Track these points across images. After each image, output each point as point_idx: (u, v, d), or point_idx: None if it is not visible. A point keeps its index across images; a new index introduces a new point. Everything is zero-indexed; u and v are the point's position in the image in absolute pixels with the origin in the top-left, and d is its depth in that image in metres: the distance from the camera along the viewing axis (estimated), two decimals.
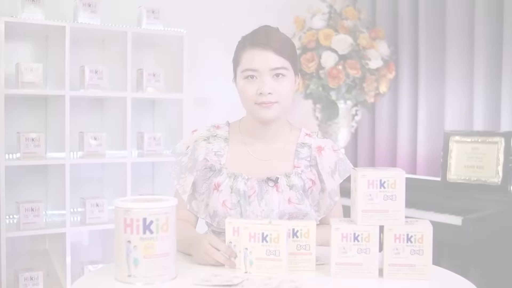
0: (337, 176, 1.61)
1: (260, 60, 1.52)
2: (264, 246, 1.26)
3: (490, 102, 2.88)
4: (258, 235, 1.26)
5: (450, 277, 1.32)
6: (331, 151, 1.63)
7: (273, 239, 1.26)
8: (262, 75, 1.52)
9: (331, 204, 1.60)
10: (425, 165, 3.21)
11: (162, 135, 3.02)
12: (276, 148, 1.62)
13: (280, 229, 1.26)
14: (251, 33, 1.59)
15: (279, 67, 1.53)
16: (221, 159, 1.59)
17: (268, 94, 1.51)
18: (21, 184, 2.91)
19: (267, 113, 1.53)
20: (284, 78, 1.54)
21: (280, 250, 1.25)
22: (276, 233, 1.26)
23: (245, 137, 1.63)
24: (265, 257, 1.26)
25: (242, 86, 1.56)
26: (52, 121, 2.93)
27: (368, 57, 3.13)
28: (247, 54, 1.55)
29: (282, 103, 1.54)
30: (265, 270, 1.26)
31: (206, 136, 1.63)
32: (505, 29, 2.76)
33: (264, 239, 1.26)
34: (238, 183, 1.54)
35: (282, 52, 1.54)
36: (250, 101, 1.54)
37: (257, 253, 1.26)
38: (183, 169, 1.61)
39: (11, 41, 2.83)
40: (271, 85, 1.52)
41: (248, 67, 1.54)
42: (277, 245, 1.26)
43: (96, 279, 1.27)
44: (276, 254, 1.26)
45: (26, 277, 2.65)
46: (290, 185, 1.55)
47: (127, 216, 1.18)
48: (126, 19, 3.13)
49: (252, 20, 3.63)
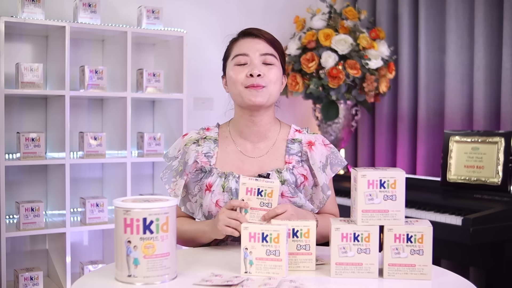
0: (328, 170, 1.62)
1: (250, 45, 1.58)
2: (264, 246, 1.26)
3: (490, 102, 2.88)
4: (258, 235, 1.26)
5: (450, 277, 1.32)
6: (321, 145, 1.64)
7: (273, 239, 1.26)
8: (252, 60, 1.56)
9: (324, 198, 1.61)
10: (425, 165, 3.22)
11: (162, 135, 3.02)
12: (267, 145, 1.64)
13: (280, 229, 1.26)
14: (240, 31, 1.65)
15: (269, 53, 1.58)
16: (211, 160, 1.61)
17: (258, 76, 1.54)
18: (21, 184, 2.91)
19: (256, 97, 1.55)
20: (273, 67, 1.58)
21: (280, 250, 1.26)
22: (276, 233, 1.26)
23: (235, 137, 1.66)
24: (265, 257, 1.26)
25: (232, 73, 1.58)
26: (52, 121, 2.93)
27: (368, 57, 3.13)
28: (238, 43, 1.61)
29: (270, 89, 1.57)
30: (265, 270, 1.26)
31: (195, 139, 1.65)
32: (505, 29, 2.76)
33: (264, 239, 1.26)
34: (230, 182, 1.56)
35: (273, 44, 1.60)
36: (240, 85, 1.56)
37: (257, 253, 1.26)
38: (174, 173, 1.64)
39: (11, 41, 2.83)
40: (261, 69, 1.55)
41: (239, 52, 1.58)
42: (277, 245, 1.26)
43: (96, 279, 1.27)
44: (276, 254, 1.26)
45: (26, 277, 2.65)
46: (282, 180, 1.56)
47: (127, 216, 1.18)
48: (126, 19, 3.13)
49: (252, 20, 3.67)
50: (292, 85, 3.22)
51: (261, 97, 1.55)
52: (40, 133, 2.69)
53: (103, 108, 3.13)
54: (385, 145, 3.50)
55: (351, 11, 3.25)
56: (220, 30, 3.38)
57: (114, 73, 2.97)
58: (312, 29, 3.26)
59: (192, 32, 3.30)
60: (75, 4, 2.85)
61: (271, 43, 1.60)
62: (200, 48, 3.35)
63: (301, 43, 3.24)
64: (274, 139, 1.64)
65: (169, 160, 1.67)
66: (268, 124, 1.63)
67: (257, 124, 1.61)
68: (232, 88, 1.59)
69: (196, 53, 3.32)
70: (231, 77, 1.58)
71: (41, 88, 2.69)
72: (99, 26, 2.83)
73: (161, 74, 2.99)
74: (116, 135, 2.97)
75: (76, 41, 2.98)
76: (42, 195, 2.96)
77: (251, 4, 3.57)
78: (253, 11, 3.57)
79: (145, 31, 2.95)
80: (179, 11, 3.32)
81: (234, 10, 3.51)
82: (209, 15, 3.43)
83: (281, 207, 1.42)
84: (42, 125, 2.97)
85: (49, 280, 2.90)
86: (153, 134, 3.00)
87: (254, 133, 1.63)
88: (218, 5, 3.47)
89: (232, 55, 1.60)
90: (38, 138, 2.68)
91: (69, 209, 2.74)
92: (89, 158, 2.81)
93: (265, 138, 1.64)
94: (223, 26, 3.39)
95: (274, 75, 1.57)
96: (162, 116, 3.22)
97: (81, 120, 3.05)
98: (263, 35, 1.60)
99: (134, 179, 3.02)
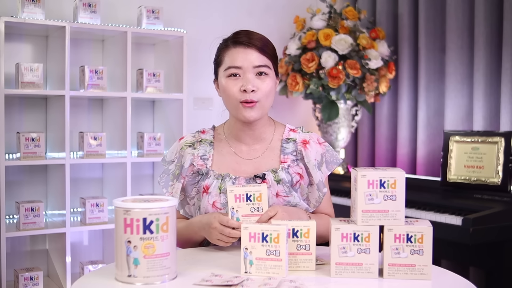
0: (324, 168, 1.62)
1: (243, 58, 1.56)
2: (264, 246, 1.26)
3: (490, 102, 2.88)
4: (258, 235, 1.26)
5: (450, 277, 1.32)
6: (316, 144, 1.64)
7: (273, 239, 1.26)
8: (245, 73, 1.55)
9: (320, 197, 1.61)
10: (425, 165, 3.21)
11: (162, 135, 3.02)
12: (262, 146, 1.64)
13: (280, 229, 1.26)
14: (232, 34, 1.62)
15: (262, 65, 1.56)
16: (207, 163, 1.62)
17: (252, 92, 1.53)
18: (21, 184, 2.91)
19: (250, 113, 1.55)
20: (267, 77, 1.57)
21: (280, 250, 1.26)
22: (276, 233, 1.26)
23: (230, 139, 1.66)
24: (265, 257, 1.26)
25: (225, 85, 1.57)
26: (52, 121, 2.93)
27: (368, 57, 3.13)
28: (230, 53, 1.58)
29: (263, 102, 1.56)
30: (265, 270, 1.26)
31: (191, 142, 1.66)
32: (505, 29, 2.76)
33: (264, 239, 1.26)
34: (226, 183, 1.57)
35: (264, 51, 1.57)
36: (234, 100, 1.56)
37: (257, 253, 1.26)
38: (171, 176, 1.64)
39: (11, 41, 2.83)
40: (254, 83, 1.54)
41: (231, 65, 1.56)
42: (277, 245, 1.26)
43: (96, 279, 1.27)
44: (276, 254, 1.26)
45: (26, 277, 2.65)
46: (277, 179, 1.57)
47: (127, 216, 1.18)
48: (126, 19, 3.13)
49: (252, 20, 3.66)
50: (292, 85, 3.22)
51: (255, 113, 1.55)
52: (40, 133, 2.69)
53: (103, 108, 3.13)
54: (385, 145, 3.50)
55: (351, 11, 3.25)
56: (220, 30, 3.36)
57: (114, 73, 2.97)
58: (312, 29, 3.26)
59: (192, 32, 3.30)
60: (75, 4, 2.85)
61: (262, 50, 1.57)
62: (200, 48, 3.35)
63: (301, 43, 3.24)
64: (269, 140, 1.65)
65: (166, 164, 1.68)
66: (262, 127, 1.64)
67: (252, 128, 1.62)
68: (226, 100, 1.59)
69: (196, 53, 3.31)
70: (224, 88, 1.58)
71: (41, 88, 2.69)
72: (99, 26, 2.83)
73: (161, 74, 2.99)
74: (116, 135, 2.97)
75: (76, 41, 2.98)
76: (42, 195, 2.96)
77: (251, 4, 3.57)
78: (253, 11, 3.57)
79: (145, 31, 2.95)
80: (179, 11, 3.32)
81: (234, 10, 3.51)
82: (209, 15, 3.42)
83: (272, 209, 1.44)
84: (42, 125, 2.97)
85: (49, 280, 2.90)
86: (153, 134, 3.00)
87: (249, 136, 1.64)
88: (218, 5, 3.46)
89: (224, 66, 1.58)
90: (38, 138, 2.68)
91: (69, 209, 2.74)
92: (89, 158, 2.81)
93: (260, 140, 1.65)
94: (223, 26, 3.39)
95: (267, 86, 1.56)
96: (162, 116, 3.21)
97: (81, 120, 3.05)
98: (254, 44, 1.56)
99: (134, 179, 3.02)
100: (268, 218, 1.42)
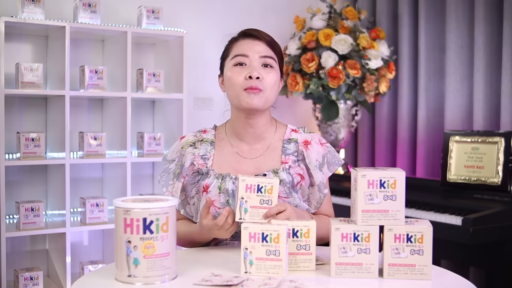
0: (325, 169, 1.62)
1: (250, 47, 1.58)
2: (264, 246, 1.26)
3: (490, 102, 2.88)
4: (258, 235, 1.26)
5: (450, 277, 1.32)
6: (318, 144, 1.64)
7: (273, 239, 1.26)
8: (251, 62, 1.56)
9: (321, 198, 1.61)
10: (425, 165, 3.22)
11: (162, 135, 3.02)
12: (263, 146, 1.64)
13: (280, 229, 1.26)
14: (240, 31, 1.65)
15: (269, 56, 1.58)
16: (207, 162, 1.61)
17: (256, 79, 1.53)
18: (21, 184, 2.91)
19: (253, 100, 1.54)
20: (272, 69, 1.58)
21: (280, 250, 1.26)
22: (276, 233, 1.26)
23: (231, 138, 1.66)
24: (265, 257, 1.26)
25: (230, 75, 1.58)
26: (52, 121, 2.93)
27: (368, 57, 3.13)
28: (238, 44, 1.61)
29: (267, 93, 1.56)
30: (265, 270, 1.26)
31: (192, 141, 1.66)
32: (505, 29, 2.76)
33: (264, 239, 1.26)
34: (226, 183, 1.56)
35: (272, 46, 1.60)
36: (238, 87, 1.55)
37: (257, 253, 1.26)
38: (171, 175, 1.64)
39: (11, 41, 2.83)
40: (260, 72, 1.55)
41: (238, 53, 1.58)
42: (277, 245, 1.26)
43: (96, 279, 1.27)
44: (276, 254, 1.26)
45: (26, 277, 2.65)
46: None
47: (127, 216, 1.18)
48: (126, 19, 3.13)
49: (252, 20, 3.66)
50: (292, 85, 3.22)
51: (257, 100, 1.54)
52: (40, 133, 2.69)
53: (103, 108, 3.13)
54: (385, 145, 3.50)
55: (351, 11, 3.25)
56: (220, 30, 3.38)
57: (114, 73, 2.97)
58: (312, 29, 3.26)
59: (192, 32, 3.30)
60: (75, 4, 2.85)
61: (270, 45, 1.60)
62: (200, 48, 3.35)
63: (301, 43, 3.24)
64: (270, 140, 1.65)
65: (167, 162, 1.68)
66: (264, 125, 1.63)
67: (253, 126, 1.61)
68: (230, 89, 1.59)
69: (196, 53, 3.32)
70: (229, 77, 1.58)
71: (41, 88, 2.69)
72: (99, 26, 2.83)
73: (161, 74, 2.99)
74: (116, 135, 2.97)
75: (76, 41, 2.98)
76: (42, 195, 2.96)
77: (251, 4, 3.57)
78: (253, 11, 3.57)
79: (145, 31, 2.95)
80: (179, 11, 3.32)
81: (234, 10, 3.51)
82: (209, 15, 3.42)
83: (282, 205, 1.41)
84: (42, 125, 2.97)
85: (49, 280, 2.90)
86: (153, 134, 3.00)
87: (250, 134, 1.63)
88: (218, 5, 3.47)
89: (231, 55, 1.60)
90: (38, 138, 2.68)
91: (69, 209, 2.74)
92: (89, 158, 2.81)
93: (262, 139, 1.64)
94: (223, 26, 3.39)
95: (272, 79, 1.57)
96: (162, 116, 3.22)
97: (81, 120, 3.05)
98: (263, 37, 1.60)
99: (134, 179, 3.02)
100: (277, 212, 1.39)
